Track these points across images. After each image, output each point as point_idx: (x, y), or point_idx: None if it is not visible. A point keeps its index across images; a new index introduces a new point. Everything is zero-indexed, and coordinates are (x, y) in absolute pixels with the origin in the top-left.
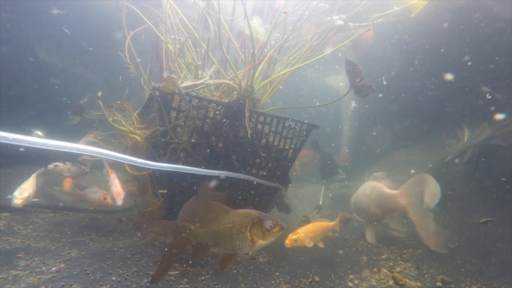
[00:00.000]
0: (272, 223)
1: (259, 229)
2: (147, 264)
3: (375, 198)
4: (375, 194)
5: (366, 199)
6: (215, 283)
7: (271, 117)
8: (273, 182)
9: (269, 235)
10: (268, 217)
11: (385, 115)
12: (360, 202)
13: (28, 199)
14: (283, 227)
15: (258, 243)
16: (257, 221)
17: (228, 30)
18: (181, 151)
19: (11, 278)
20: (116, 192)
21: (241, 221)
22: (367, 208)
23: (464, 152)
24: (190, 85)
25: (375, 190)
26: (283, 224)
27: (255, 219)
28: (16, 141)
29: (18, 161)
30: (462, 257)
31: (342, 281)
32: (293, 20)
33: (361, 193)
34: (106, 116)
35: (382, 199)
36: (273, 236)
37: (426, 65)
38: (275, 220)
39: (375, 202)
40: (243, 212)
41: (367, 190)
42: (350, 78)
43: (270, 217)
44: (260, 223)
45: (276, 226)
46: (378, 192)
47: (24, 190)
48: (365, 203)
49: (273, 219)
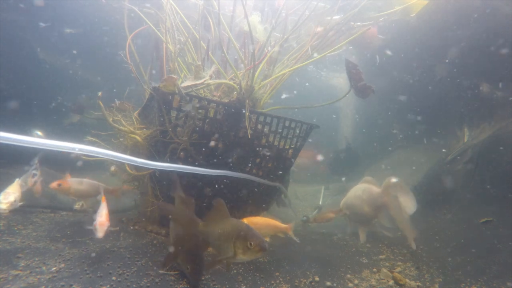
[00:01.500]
0: (254, 242)
1: (242, 244)
2: (147, 264)
3: (367, 198)
4: (367, 195)
5: (359, 201)
6: (215, 283)
7: (271, 117)
8: (273, 182)
9: (249, 252)
10: (253, 235)
11: (385, 115)
12: (353, 204)
13: (14, 204)
14: (263, 248)
15: (238, 256)
16: (241, 235)
17: (228, 30)
18: (181, 151)
19: (11, 278)
20: (99, 222)
21: (230, 231)
22: (361, 209)
23: (464, 152)
24: (190, 85)
25: (366, 191)
26: (265, 246)
27: (240, 233)
28: (16, 141)
29: (18, 161)
30: (462, 257)
31: (342, 281)
32: (293, 20)
33: (353, 196)
34: (106, 116)
35: (373, 198)
36: (252, 255)
37: (426, 65)
38: (259, 240)
39: (367, 202)
40: (235, 223)
41: (358, 192)
42: (350, 78)
43: (254, 236)
44: (243, 238)
45: (256, 246)
46: (369, 192)
47: (9, 194)
48: (358, 205)
49: (257, 239)
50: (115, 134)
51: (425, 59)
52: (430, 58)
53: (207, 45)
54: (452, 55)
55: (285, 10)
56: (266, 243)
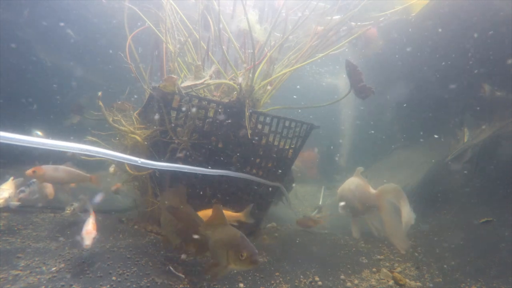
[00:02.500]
0: (246, 253)
1: (234, 253)
2: (147, 264)
3: (359, 195)
4: (359, 192)
5: (351, 195)
6: (215, 283)
7: (271, 117)
8: (273, 182)
9: (240, 263)
10: (246, 246)
11: (385, 115)
12: (346, 196)
13: (8, 200)
14: (254, 261)
15: (231, 266)
16: (234, 245)
17: (228, 30)
18: (181, 151)
19: (11, 278)
20: (86, 231)
21: (224, 238)
22: (351, 203)
23: (464, 152)
24: (190, 85)
25: (359, 187)
26: (257, 259)
27: (233, 242)
28: (16, 141)
29: (18, 161)
30: (462, 257)
31: (342, 281)
32: (293, 20)
33: (347, 188)
34: (106, 116)
35: (364, 197)
36: (243, 265)
37: (426, 65)
38: (252, 252)
39: (358, 198)
40: (231, 231)
41: (351, 186)
42: (350, 79)
43: (247, 247)
44: (236, 248)
45: (247, 258)
46: (361, 190)
47: (4, 190)
48: (350, 198)
49: (250, 250)
50: (115, 134)
51: (425, 59)
52: (430, 58)
53: (207, 45)
54: (453, 55)
55: (285, 10)
56: (257, 256)
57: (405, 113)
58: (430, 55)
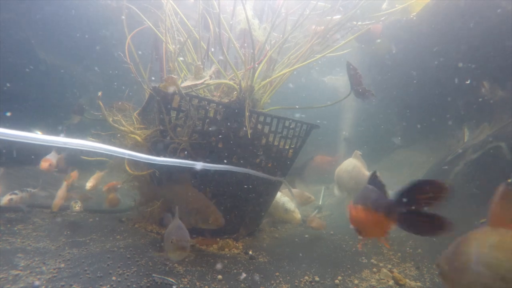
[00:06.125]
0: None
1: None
2: (147, 264)
3: (355, 175)
4: (355, 172)
5: (347, 175)
6: (215, 283)
7: (271, 117)
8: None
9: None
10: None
11: (386, 115)
12: (342, 176)
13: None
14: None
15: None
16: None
17: (228, 30)
18: (181, 151)
19: (11, 278)
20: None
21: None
22: (347, 182)
23: (464, 152)
24: (190, 85)
25: (355, 169)
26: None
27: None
28: (18, 137)
29: (18, 161)
30: None
31: (342, 281)
32: (293, 20)
33: (344, 169)
34: (106, 116)
35: (359, 178)
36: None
37: (426, 65)
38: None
39: (354, 179)
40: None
41: (349, 167)
42: (351, 81)
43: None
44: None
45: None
46: (357, 171)
47: None
48: (346, 178)
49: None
50: (115, 134)
51: (425, 59)
52: (430, 57)
53: (207, 45)
54: (453, 55)
55: (285, 10)
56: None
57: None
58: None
